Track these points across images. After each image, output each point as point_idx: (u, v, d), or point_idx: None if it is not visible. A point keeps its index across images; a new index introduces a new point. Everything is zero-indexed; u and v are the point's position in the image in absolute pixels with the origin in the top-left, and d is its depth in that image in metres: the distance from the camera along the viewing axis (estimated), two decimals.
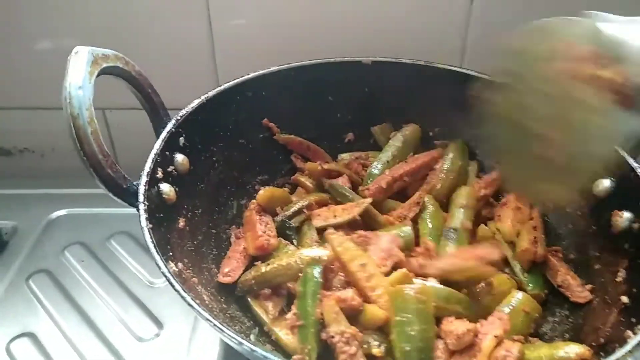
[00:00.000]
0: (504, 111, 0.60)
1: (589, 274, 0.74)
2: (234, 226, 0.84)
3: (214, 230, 0.80)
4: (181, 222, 0.73)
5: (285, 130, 0.92)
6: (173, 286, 0.57)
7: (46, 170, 1.14)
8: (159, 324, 0.84)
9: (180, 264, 0.67)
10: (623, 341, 0.56)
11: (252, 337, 0.69)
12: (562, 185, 0.61)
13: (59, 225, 1.01)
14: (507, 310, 0.68)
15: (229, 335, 0.54)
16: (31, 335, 0.82)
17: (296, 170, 0.93)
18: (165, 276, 0.58)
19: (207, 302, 0.66)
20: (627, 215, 0.70)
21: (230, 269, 0.76)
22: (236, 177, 0.87)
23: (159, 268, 0.58)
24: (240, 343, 0.53)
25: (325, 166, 0.89)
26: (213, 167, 0.84)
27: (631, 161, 0.72)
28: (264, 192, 0.82)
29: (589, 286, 0.73)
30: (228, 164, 0.86)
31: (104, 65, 0.66)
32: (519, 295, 0.70)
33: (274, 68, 0.88)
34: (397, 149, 0.90)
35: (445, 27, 0.97)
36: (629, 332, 0.58)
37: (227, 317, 0.68)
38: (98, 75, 0.65)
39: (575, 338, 0.67)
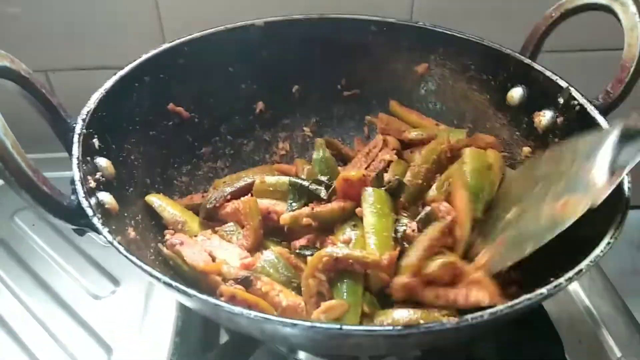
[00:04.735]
0: None
1: None
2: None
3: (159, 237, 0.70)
4: (131, 233, 0.62)
5: (193, 112, 0.83)
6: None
7: None
8: (115, 281, 0.85)
9: None
10: None
11: None
12: None
13: (6, 191, 0.83)
14: None
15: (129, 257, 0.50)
16: None
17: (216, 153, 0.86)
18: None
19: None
20: (548, 113, 0.77)
21: None
22: (160, 173, 0.77)
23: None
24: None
25: None
26: (135, 167, 0.72)
27: (536, 65, 0.78)
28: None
29: None
30: (147, 161, 0.75)
31: None
32: None
33: (165, 46, 0.79)
34: None
35: None
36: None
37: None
38: None
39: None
